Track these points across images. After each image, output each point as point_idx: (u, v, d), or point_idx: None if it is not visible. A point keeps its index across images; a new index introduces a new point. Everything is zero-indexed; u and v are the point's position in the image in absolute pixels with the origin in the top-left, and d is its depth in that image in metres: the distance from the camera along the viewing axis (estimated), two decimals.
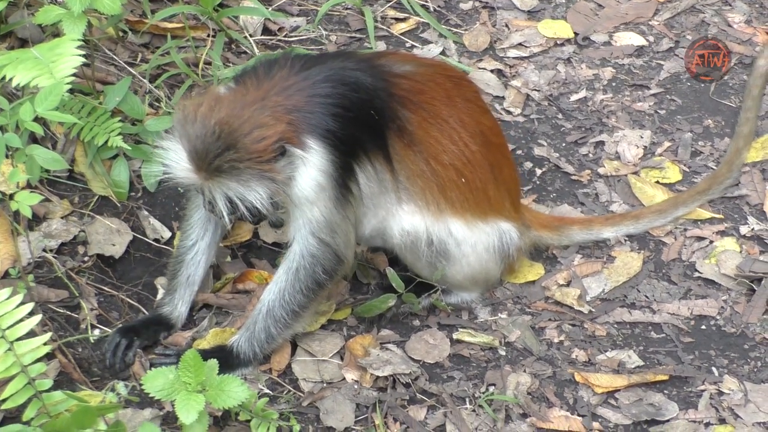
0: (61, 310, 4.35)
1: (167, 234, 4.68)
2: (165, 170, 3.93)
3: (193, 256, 4.39)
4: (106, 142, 4.57)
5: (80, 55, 4.12)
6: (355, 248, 4.35)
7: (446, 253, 4.36)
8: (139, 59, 5.26)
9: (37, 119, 3.92)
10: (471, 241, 4.37)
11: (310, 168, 3.97)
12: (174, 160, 3.88)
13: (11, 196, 3.99)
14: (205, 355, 3.73)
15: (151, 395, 3.66)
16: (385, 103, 4.13)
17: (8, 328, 3.60)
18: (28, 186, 4.54)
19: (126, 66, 5.07)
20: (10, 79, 4.12)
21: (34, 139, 4.61)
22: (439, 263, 4.37)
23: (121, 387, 3.94)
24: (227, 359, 4.13)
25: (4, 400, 3.62)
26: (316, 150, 3.96)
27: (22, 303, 3.63)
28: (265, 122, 3.87)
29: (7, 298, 3.62)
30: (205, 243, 4.40)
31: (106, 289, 4.48)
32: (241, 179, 3.85)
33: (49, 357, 3.76)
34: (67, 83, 4.01)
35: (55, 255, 4.48)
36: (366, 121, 4.09)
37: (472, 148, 4.28)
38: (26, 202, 3.95)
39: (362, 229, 4.30)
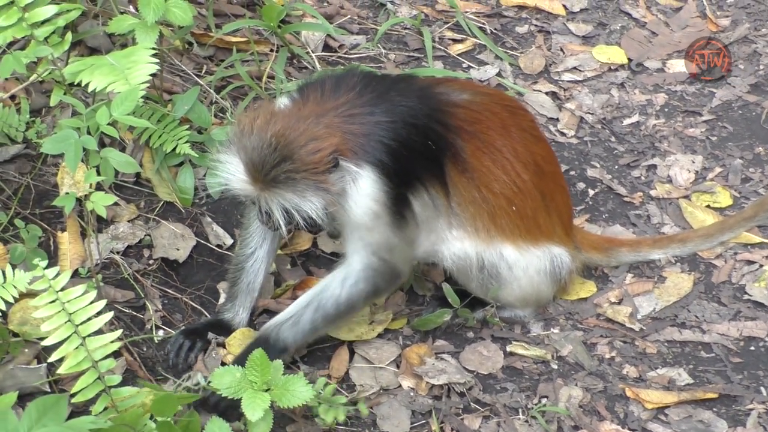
0: (127, 311, 4.47)
1: (229, 240, 4.80)
2: (222, 182, 4.02)
3: (253, 263, 4.50)
4: (174, 149, 4.69)
5: (154, 63, 4.27)
6: (412, 263, 4.46)
7: (498, 276, 4.46)
8: (203, 71, 5.39)
9: (109, 124, 4.06)
10: (522, 264, 4.47)
11: (363, 196, 4.06)
12: (231, 172, 3.97)
13: (86, 197, 4.12)
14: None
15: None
16: (441, 134, 4.23)
17: (81, 324, 3.68)
18: (98, 189, 4.65)
19: (192, 76, 5.20)
20: (86, 85, 4.26)
21: (102, 144, 4.73)
22: (491, 285, 4.47)
23: (199, 377, 4.02)
24: (266, 344, 4.18)
25: (74, 394, 3.72)
26: (369, 175, 4.05)
27: (94, 300, 3.75)
28: (319, 135, 3.95)
29: (81, 295, 3.72)
30: (264, 251, 4.51)
31: (170, 291, 4.60)
32: (297, 190, 3.94)
33: (115, 355, 3.85)
34: (142, 89, 4.14)
35: (122, 257, 4.61)
36: (423, 153, 4.19)
37: (523, 177, 4.38)
38: (101, 202, 4.09)
39: (415, 250, 4.40)
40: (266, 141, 3.90)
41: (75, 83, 4.42)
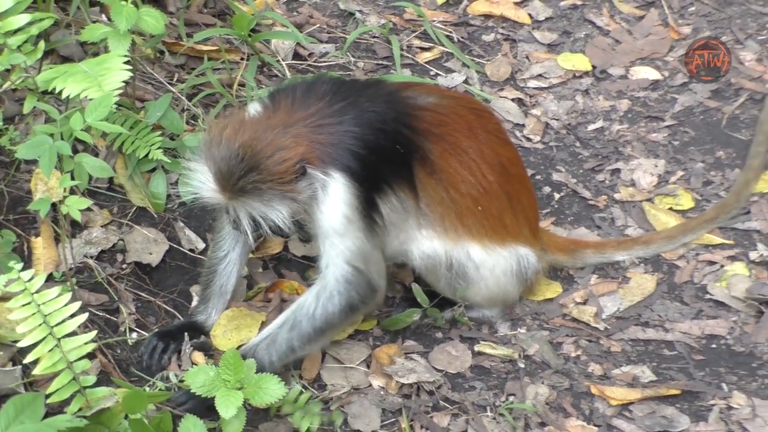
0: (101, 314, 4.53)
1: (201, 245, 4.88)
2: (192, 190, 4.11)
3: (225, 266, 4.58)
4: (147, 154, 4.77)
5: (127, 70, 4.35)
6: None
7: (465, 276, 4.55)
8: (175, 79, 5.47)
9: (83, 130, 4.13)
10: (489, 264, 4.56)
11: (335, 199, 4.14)
12: (200, 181, 4.06)
13: (61, 201, 4.19)
14: None
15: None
16: (408, 137, 4.32)
17: (56, 325, 3.75)
18: (72, 194, 4.72)
19: (164, 84, 5.28)
20: (59, 93, 4.33)
21: (75, 150, 4.79)
22: (459, 285, 4.56)
23: (172, 376, 4.08)
24: None
25: (50, 394, 3.78)
26: (339, 180, 4.13)
27: (69, 302, 3.81)
28: (286, 145, 4.03)
29: (56, 297, 3.78)
30: (236, 254, 4.58)
31: (143, 295, 4.67)
32: (264, 199, 4.03)
33: (90, 357, 3.91)
34: (115, 95, 4.22)
35: (96, 261, 4.68)
36: (391, 157, 4.28)
37: (489, 179, 4.47)
38: (76, 206, 4.17)
39: (385, 250, 4.47)
40: (234, 151, 3.98)
41: (48, 91, 4.51)
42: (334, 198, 4.14)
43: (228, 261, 4.58)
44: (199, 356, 4.44)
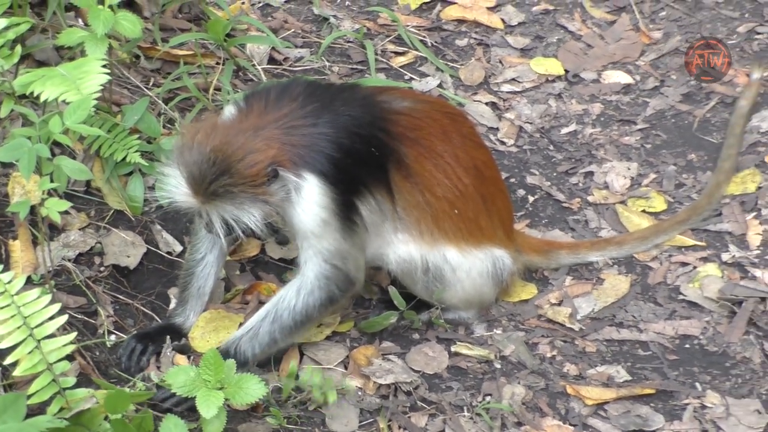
0: (79, 316, 4.54)
1: (179, 248, 4.90)
2: (166, 195, 4.14)
3: (203, 268, 4.60)
4: (124, 158, 4.78)
5: (105, 73, 4.36)
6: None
7: (442, 278, 4.59)
8: (151, 83, 5.48)
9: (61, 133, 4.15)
10: (465, 267, 4.60)
11: (310, 203, 4.18)
12: (173, 186, 4.09)
13: (40, 204, 4.20)
14: None
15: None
16: (384, 141, 4.35)
17: (36, 327, 3.76)
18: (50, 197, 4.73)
19: (141, 88, 5.30)
20: (36, 98, 4.34)
21: (53, 154, 4.80)
22: (435, 287, 4.60)
23: (152, 375, 4.09)
24: (226, 358, 4.18)
25: (30, 395, 3.78)
26: (312, 182, 4.16)
27: (49, 304, 3.82)
28: (257, 148, 4.07)
29: (36, 299, 3.79)
30: (214, 256, 4.61)
31: (121, 297, 4.69)
32: (236, 202, 4.06)
33: (69, 359, 3.91)
34: (94, 99, 4.23)
35: (73, 264, 4.68)
36: (367, 160, 4.31)
37: (464, 181, 4.51)
38: (55, 208, 4.18)
39: (366, 253, 4.52)
40: (205, 155, 4.02)
41: (24, 95, 4.51)
42: (308, 200, 4.17)
43: (205, 263, 4.60)
44: (181, 359, 4.46)
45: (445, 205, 4.48)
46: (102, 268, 4.74)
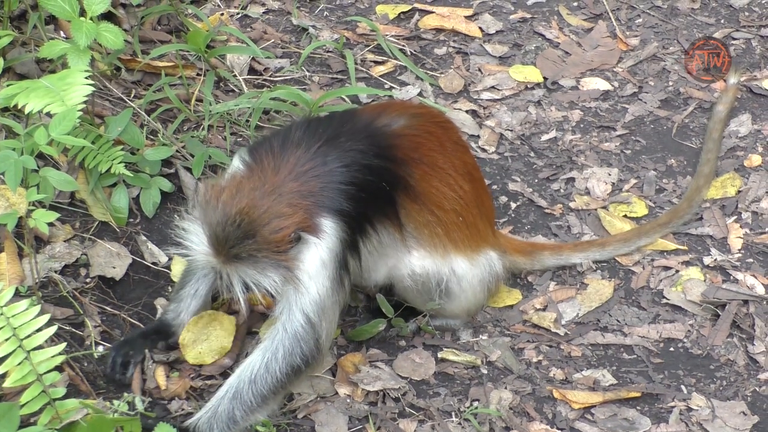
0: (67, 327, 4.53)
1: (164, 258, 4.90)
2: (185, 252, 4.10)
3: (204, 271, 4.52)
4: (109, 169, 4.78)
5: (89, 85, 4.37)
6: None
7: (449, 291, 4.61)
8: (132, 95, 5.49)
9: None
10: (469, 276, 4.62)
11: (320, 248, 4.13)
12: (195, 243, 4.05)
13: (27, 215, 4.21)
14: None
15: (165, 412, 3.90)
16: (392, 170, 4.34)
17: (25, 338, 3.77)
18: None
19: (123, 99, 5.30)
20: (19, 111, 4.35)
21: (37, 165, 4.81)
22: (442, 300, 4.62)
23: (138, 401, 4.07)
24: None
25: (21, 406, 3.78)
26: (330, 230, 4.14)
27: (38, 315, 3.82)
28: (283, 212, 4.03)
29: (25, 310, 3.80)
30: None
31: (107, 308, 4.68)
32: (258, 267, 4.01)
33: (58, 370, 3.91)
34: (79, 110, 4.24)
35: (60, 276, 4.68)
36: (377, 193, 4.30)
37: (464, 189, 4.54)
38: (43, 219, 4.19)
39: (376, 276, 4.54)
40: (231, 217, 3.97)
41: (6, 108, 4.52)
42: (319, 247, 4.14)
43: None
44: (160, 375, 4.45)
45: (452, 217, 4.50)
46: (88, 280, 4.74)
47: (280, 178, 4.11)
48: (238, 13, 6.33)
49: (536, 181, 5.57)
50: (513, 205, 5.42)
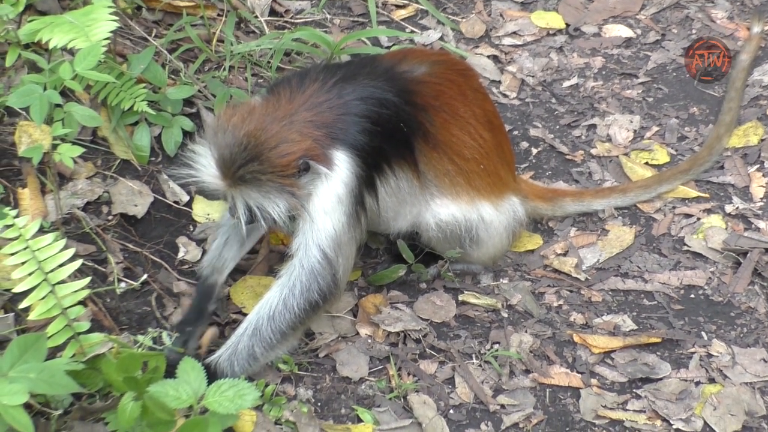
0: (89, 263, 4.53)
1: (185, 197, 4.90)
2: (193, 173, 4.09)
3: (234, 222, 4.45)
4: (131, 107, 4.77)
5: (113, 20, 4.35)
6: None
7: (477, 238, 4.61)
8: (153, 35, 5.46)
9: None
10: (496, 222, 4.62)
11: (334, 181, 4.12)
12: (203, 165, 4.05)
13: (52, 150, 4.20)
14: None
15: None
16: (410, 114, 4.32)
17: (50, 271, 3.77)
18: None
19: (145, 38, 5.28)
20: (45, 44, 4.33)
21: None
22: (471, 247, 4.62)
23: (165, 336, 4.06)
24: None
25: (48, 338, 3.78)
26: (343, 163, 4.12)
27: (63, 249, 3.82)
28: (291, 138, 4.03)
29: (50, 243, 3.80)
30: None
31: (129, 246, 4.69)
32: (262, 190, 4.01)
33: (81, 305, 3.92)
34: (103, 45, 4.22)
35: (82, 212, 4.68)
36: (393, 134, 4.27)
37: (485, 137, 4.53)
38: (68, 153, 4.18)
39: (399, 224, 4.52)
40: (238, 139, 3.98)
41: (27, 45, 4.50)
42: (333, 181, 4.12)
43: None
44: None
45: (473, 165, 4.49)
46: (110, 217, 4.74)
47: (293, 106, 4.12)
48: None
49: (557, 127, 5.55)
50: (534, 151, 5.41)
